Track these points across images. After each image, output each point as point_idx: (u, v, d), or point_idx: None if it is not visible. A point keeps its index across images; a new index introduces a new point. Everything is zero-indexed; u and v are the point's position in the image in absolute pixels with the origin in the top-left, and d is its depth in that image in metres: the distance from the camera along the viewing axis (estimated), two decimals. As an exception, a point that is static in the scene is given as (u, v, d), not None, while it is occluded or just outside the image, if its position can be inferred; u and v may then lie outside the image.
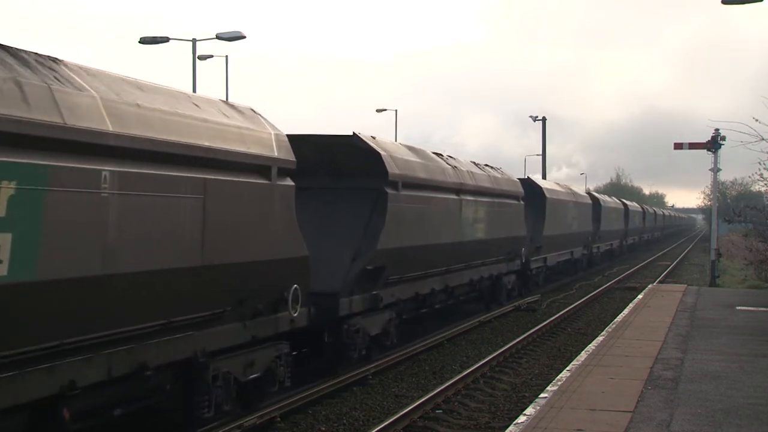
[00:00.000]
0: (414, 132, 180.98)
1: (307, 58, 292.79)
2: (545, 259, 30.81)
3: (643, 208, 69.47)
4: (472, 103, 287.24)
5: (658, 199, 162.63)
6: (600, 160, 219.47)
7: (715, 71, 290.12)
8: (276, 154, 11.01)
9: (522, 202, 26.10)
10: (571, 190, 38.50)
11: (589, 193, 43.61)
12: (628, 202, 59.15)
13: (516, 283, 26.47)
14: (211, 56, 35.59)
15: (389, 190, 14.80)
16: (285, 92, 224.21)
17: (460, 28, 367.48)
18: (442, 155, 19.74)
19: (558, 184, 37.16)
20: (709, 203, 70.76)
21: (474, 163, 22.99)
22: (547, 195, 30.44)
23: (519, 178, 27.27)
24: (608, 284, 34.39)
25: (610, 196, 58.44)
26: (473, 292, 22.61)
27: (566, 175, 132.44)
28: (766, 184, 33.11)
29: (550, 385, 11.98)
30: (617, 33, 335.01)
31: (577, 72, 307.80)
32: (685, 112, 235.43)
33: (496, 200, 22.66)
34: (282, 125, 11.80)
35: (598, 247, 43.87)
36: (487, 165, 24.35)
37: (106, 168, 7.92)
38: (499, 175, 24.34)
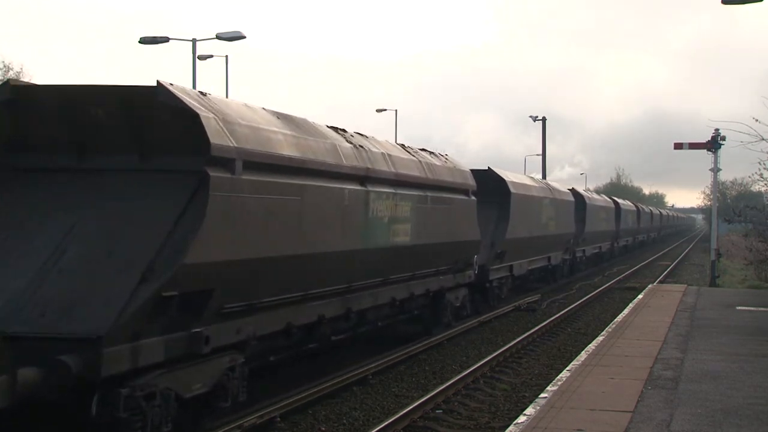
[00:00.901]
0: (417, 132, 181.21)
1: (310, 59, 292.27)
2: (511, 267, 24.43)
3: (637, 207, 61.79)
4: (475, 104, 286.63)
5: (657, 199, 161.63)
6: (604, 160, 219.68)
7: (719, 72, 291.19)
8: None
9: (473, 198, 19.55)
10: (548, 185, 31.76)
11: (572, 189, 37.34)
12: (620, 201, 52.06)
13: (467, 299, 20.14)
14: (211, 56, 34.35)
15: (214, 172, 8.92)
16: (287, 92, 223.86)
17: (464, 30, 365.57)
18: (345, 131, 13.73)
19: (532, 178, 30.31)
20: (708, 203, 70.54)
21: (402, 146, 16.86)
22: (512, 190, 24.17)
23: (473, 170, 21.33)
24: (608, 284, 32.42)
25: (599, 193, 50.96)
26: (400, 313, 16.45)
27: (569, 175, 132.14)
28: (766, 184, 32.78)
29: (550, 385, 11.46)
30: (620, 34, 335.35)
31: (581, 73, 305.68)
32: (689, 113, 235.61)
33: (431, 194, 16.27)
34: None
35: (583, 251, 37.29)
36: (424, 149, 18.15)
37: None
38: (439, 163, 17.86)
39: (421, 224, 15.64)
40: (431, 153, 18.31)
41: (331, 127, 13.39)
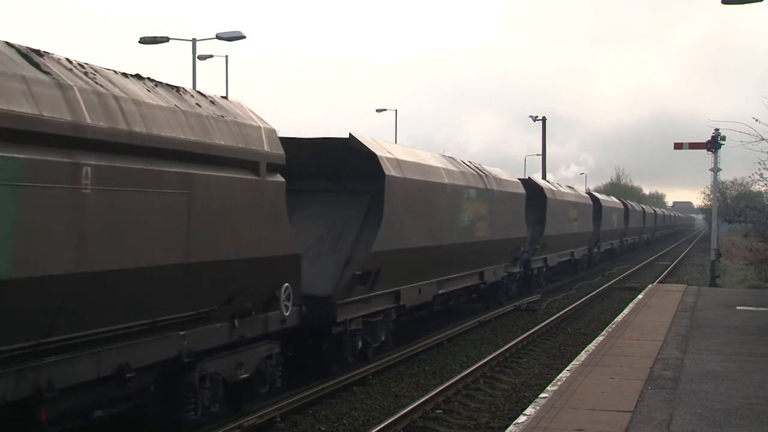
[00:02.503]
0: (418, 132, 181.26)
1: (311, 59, 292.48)
2: (397, 295, 15.00)
3: (626, 205, 52.54)
4: (479, 104, 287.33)
5: (658, 199, 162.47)
6: (608, 160, 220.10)
7: (720, 72, 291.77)
8: None
9: (277, 178, 10.72)
10: (479, 169, 20.73)
11: (527, 179, 28.90)
12: (600, 196, 43.23)
13: (275, 363, 11.05)
14: (211, 56, 34.69)
15: None
16: (287, 92, 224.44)
17: (469, 31, 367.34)
18: None
19: (452, 159, 19.80)
20: (708, 203, 70.75)
21: (36, 53, 7.71)
22: (390, 171, 14.02)
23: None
24: (608, 284, 32.35)
25: (570, 186, 38.72)
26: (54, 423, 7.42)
27: (574, 174, 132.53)
28: (766, 184, 32.87)
29: (550, 385, 11.44)
30: (622, 34, 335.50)
31: (584, 74, 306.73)
32: (689, 114, 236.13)
33: (105, 162, 7.56)
34: (284, 125, 10.88)
35: (543, 260, 28.31)
36: (144, 77, 9.25)
37: None
38: (164, 102, 8.84)
39: (81, 231, 7.33)
40: (161, 84, 9.51)
41: None
